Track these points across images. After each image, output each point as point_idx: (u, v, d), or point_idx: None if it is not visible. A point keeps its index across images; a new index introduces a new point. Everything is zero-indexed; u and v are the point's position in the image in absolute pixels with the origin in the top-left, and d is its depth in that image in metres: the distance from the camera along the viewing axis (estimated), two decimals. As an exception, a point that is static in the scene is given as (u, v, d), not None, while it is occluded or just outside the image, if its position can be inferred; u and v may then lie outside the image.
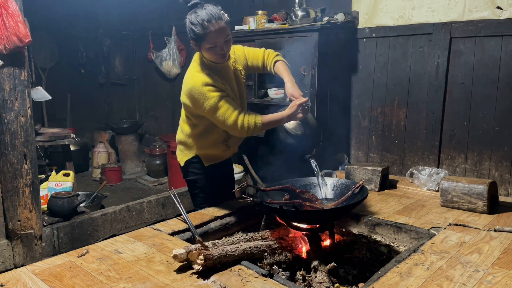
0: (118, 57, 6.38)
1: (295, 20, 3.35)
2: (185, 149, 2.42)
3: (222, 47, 2.07)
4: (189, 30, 2.05)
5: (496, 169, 2.91)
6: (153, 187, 5.25)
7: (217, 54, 2.09)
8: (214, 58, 2.12)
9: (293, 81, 2.24)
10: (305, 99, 2.12)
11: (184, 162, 2.42)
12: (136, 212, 3.57)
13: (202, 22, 1.98)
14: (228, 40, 2.09)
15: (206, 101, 2.09)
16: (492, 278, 1.59)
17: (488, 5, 2.80)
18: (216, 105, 2.09)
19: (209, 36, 2.01)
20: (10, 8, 2.49)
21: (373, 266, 1.91)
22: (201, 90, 2.09)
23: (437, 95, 3.10)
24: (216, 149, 2.37)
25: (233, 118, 2.10)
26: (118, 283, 1.56)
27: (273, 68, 2.36)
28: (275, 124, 2.21)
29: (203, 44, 2.06)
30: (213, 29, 2.00)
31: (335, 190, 2.10)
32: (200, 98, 2.10)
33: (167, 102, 5.76)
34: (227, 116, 2.10)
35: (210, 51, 2.07)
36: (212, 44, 2.04)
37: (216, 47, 2.05)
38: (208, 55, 2.12)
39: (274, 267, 1.78)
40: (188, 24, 2.04)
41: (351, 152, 3.68)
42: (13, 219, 2.75)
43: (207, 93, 2.08)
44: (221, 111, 2.10)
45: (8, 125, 2.66)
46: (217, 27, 2.00)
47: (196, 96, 2.11)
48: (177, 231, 2.10)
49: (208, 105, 2.09)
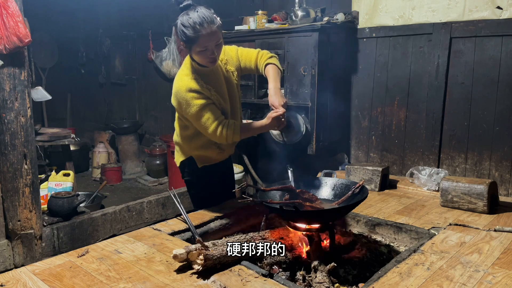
0: (118, 57, 6.38)
1: (295, 20, 3.34)
2: (180, 149, 2.43)
3: (213, 51, 2.03)
4: (180, 32, 2.02)
5: (496, 169, 2.91)
6: (153, 187, 5.25)
7: (207, 58, 2.06)
8: (204, 61, 2.09)
9: (277, 89, 2.18)
10: (281, 111, 2.10)
11: (180, 162, 2.43)
12: (136, 212, 3.57)
13: (194, 25, 1.95)
14: (219, 44, 2.06)
15: (189, 108, 2.10)
16: (492, 278, 1.59)
17: (488, 5, 2.80)
18: (198, 113, 2.10)
19: (200, 39, 1.98)
20: (10, 8, 2.49)
21: (373, 266, 1.91)
22: (185, 96, 2.09)
23: (437, 95, 3.10)
24: (209, 151, 2.36)
25: (212, 128, 2.11)
26: (118, 283, 1.56)
27: (263, 71, 2.31)
28: (254, 133, 2.28)
29: (193, 47, 2.03)
30: (205, 32, 1.96)
31: (335, 190, 2.10)
32: (183, 103, 2.11)
33: (167, 102, 5.74)
34: (208, 125, 2.11)
35: (200, 54, 2.04)
36: (203, 48, 2.01)
37: (207, 51, 2.02)
38: (198, 59, 2.10)
39: (274, 267, 1.78)
40: (179, 25, 2.01)
41: (351, 152, 3.68)
42: (13, 219, 2.75)
43: (191, 100, 2.08)
44: (202, 120, 2.11)
45: (8, 125, 2.65)
46: (209, 31, 1.97)
47: (181, 101, 2.12)
48: (177, 231, 2.11)
49: (190, 112, 2.11)
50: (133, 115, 6.33)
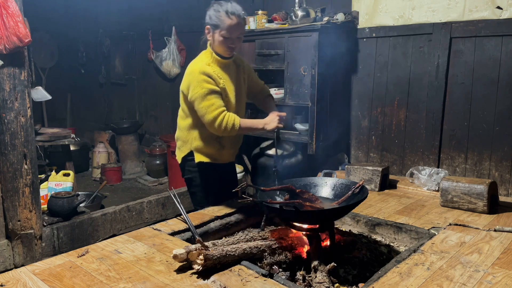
0: (118, 57, 6.38)
1: (295, 20, 3.34)
2: (181, 145, 2.48)
3: (233, 40, 2.24)
4: (210, 16, 2.22)
5: (496, 169, 2.91)
6: (153, 187, 5.24)
7: (227, 46, 2.25)
8: (222, 48, 2.26)
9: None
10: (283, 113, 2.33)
11: (181, 158, 2.48)
12: (136, 212, 3.57)
13: (226, 11, 2.19)
14: (240, 38, 2.28)
15: (197, 89, 2.20)
16: (492, 278, 1.59)
17: (488, 5, 2.80)
18: (203, 96, 2.19)
19: (227, 26, 2.19)
20: (10, 8, 2.49)
21: (373, 266, 1.91)
22: (197, 77, 2.21)
23: (437, 95, 3.10)
24: (210, 147, 2.40)
25: (212, 115, 2.20)
26: (118, 283, 1.56)
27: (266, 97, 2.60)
28: (252, 129, 2.36)
29: (218, 31, 2.21)
30: (233, 22, 2.19)
31: (335, 190, 2.10)
32: (193, 83, 2.21)
33: (167, 102, 5.75)
34: (209, 111, 2.20)
35: (222, 40, 2.23)
36: (227, 35, 2.21)
37: (228, 39, 2.22)
38: (218, 45, 2.26)
39: (274, 267, 1.78)
40: (211, 10, 2.23)
41: (351, 152, 3.68)
42: (13, 219, 2.75)
43: (201, 82, 2.20)
44: (205, 103, 2.20)
45: (8, 125, 2.66)
46: (236, 22, 2.20)
47: (191, 81, 2.23)
48: (177, 231, 2.10)
49: (197, 93, 2.20)
50: (133, 115, 6.33)
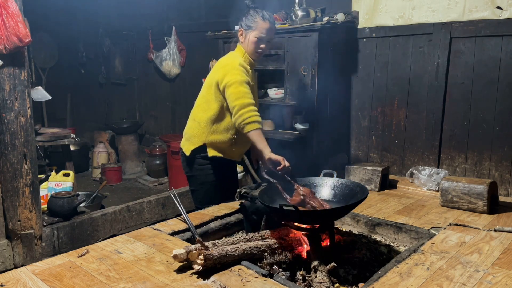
0: (118, 57, 6.38)
1: (295, 20, 3.34)
2: (192, 137, 2.48)
3: (264, 43, 2.39)
4: (247, 18, 2.38)
5: (496, 169, 2.91)
6: (153, 187, 5.24)
7: (257, 49, 2.39)
8: (252, 50, 2.40)
9: None
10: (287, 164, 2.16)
11: (190, 151, 2.47)
12: (136, 212, 3.56)
13: (263, 15, 2.36)
14: (270, 43, 2.44)
15: (236, 75, 2.29)
16: (492, 278, 1.59)
17: (488, 5, 2.80)
18: (242, 82, 2.27)
19: (262, 29, 2.35)
20: (10, 8, 2.49)
21: (373, 266, 1.91)
22: (237, 67, 2.32)
23: (437, 95, 3.10)
24: (224, 142, 2.42)
25: (246, 101, 2.25)
26: (118, 283, 1.56)
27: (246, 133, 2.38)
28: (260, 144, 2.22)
29: (252, 32, 2.36)
30: (267, 26, 2.37)
31: (335, 190, 2.10)
32: (232, 71, 2.30)
33: (167, 102, 5.75)
34: (246, 96, 2.26)
35: (254, 42, 2.37)
36: (259, 36, 2.36)
37: (260, 41, 2.37)
38: (249, 45, 2.40)
39: (274, 267, 1.78)
40: (249, 13, 2.38)
41: (351, 152, 3.68)
42: (13, 219, 2.75)
43: (240, 72, 2.31)
44: (242, 89, 2.26)
45: (8, 125, 2.65)
46: (270, 26, 2.38)
47: (229, 69, 2.32)
48: (177, 231, 2.11)
49: (237, 78, 2.27)
50: (133, 115, 6.33)
